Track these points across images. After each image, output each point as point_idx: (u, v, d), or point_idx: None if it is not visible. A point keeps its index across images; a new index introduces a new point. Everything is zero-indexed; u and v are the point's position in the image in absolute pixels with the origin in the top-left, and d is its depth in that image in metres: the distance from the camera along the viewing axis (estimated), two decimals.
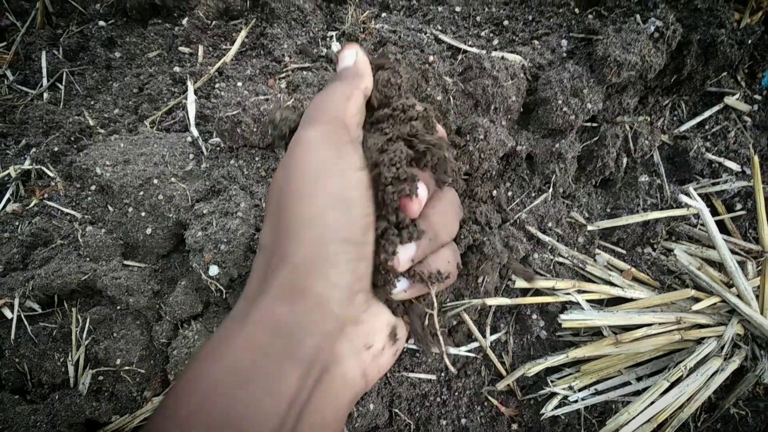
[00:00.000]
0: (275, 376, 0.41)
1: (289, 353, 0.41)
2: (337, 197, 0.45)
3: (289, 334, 0.42)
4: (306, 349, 0.42)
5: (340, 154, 0.47)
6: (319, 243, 0.44)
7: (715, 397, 0.84)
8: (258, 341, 0.41)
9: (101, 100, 1.04)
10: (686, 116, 0.89)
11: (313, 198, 0.45)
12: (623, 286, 0.82)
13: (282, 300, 0.43)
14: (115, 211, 0.80)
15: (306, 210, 0.45)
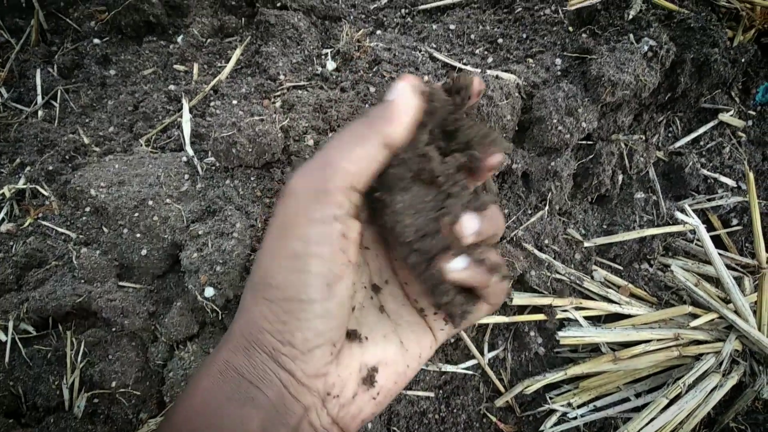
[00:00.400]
0: (240, 421, 0.42)
1: (249, 400, 0.43)
2: (293, 255, 0.43)
3: (249, 383, 0.43)
4: (265, 398, 0.43)
5: (315, 206, 0.43)
6: (272, 301, 0.44)
7: (714, 412, 0.84)
8: (223, 389, 0.43)
9: (96, 117, 1.04)
10: (681, 133, 0.89)
11: (272, 255, 0.45)
12: (621, 302, 0.82)
13: (240, 351, 0.44)
14: (109, 233, 0.80)
15: (264, 266, 0.45)
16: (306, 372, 0.44)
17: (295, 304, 0.43)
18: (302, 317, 0.43)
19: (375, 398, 0.49)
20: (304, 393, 0.44)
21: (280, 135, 0.79)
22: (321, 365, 0.45)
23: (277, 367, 0.43)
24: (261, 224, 0.79)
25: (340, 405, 0.47)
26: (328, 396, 0.46)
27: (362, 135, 0.45)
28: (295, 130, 0.82)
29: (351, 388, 0.47)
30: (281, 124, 0.81)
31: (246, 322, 0.45)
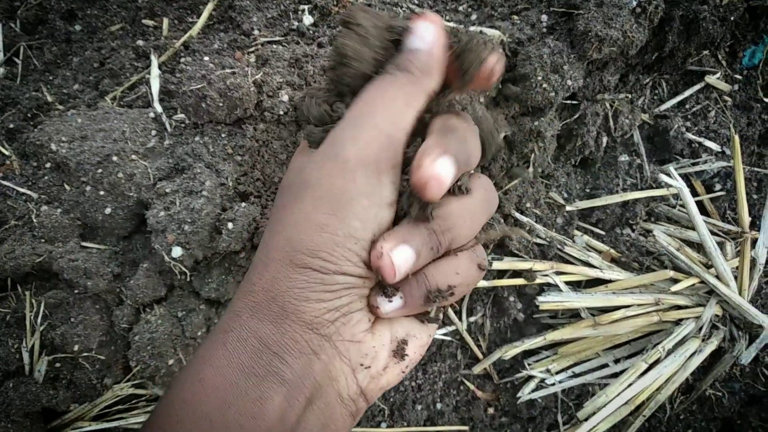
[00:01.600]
0: (257, 399, 0.38)
1: (272, 374, 0.39)
2: (347, 235, 0.40)
3: (273, 354, 0.39)
4: (291, 370, 0.39)
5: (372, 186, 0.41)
6: (317, 271, 0.40)
7: (692, 378, 0.84)
8: (239, 361, 0.39)
9: (60, 75, 0.99)
10: (667, 95, 0.87)
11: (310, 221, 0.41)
12: (602, 267, 0.81)
13: (267, 319, 0.40)
14: (71, 190, 0.76)
15: (297, 232, 0.41)
16: (344, 336, 0.42)
17: (350, 279, 0.41)
18: (356, 285, 0.42)
19: (403, 371, 0.47)
20: (335, 358, 0.42)
21: (253, 89, 0.76)
22: (358, 331, 0.43)
23: (313, 335, 0.40)
24: (232, 183, 0.75)
25: (370, 377, 0.44)
26: (360, 366, 0.43)
27: (410, 95, 0.42)
28: (269, 85, 0.78)
29: (383, 360, 0.45)
30: (254, 78, 0.77)
31: (279, 289, 0.41)
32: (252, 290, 0.42)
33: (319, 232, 0.40)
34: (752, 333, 0.78)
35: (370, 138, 0.41)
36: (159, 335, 0.72)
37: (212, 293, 0.76)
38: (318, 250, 0.40)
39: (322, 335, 0.41)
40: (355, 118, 0.42)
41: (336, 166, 0.41)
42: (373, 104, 0.42)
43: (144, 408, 0.76)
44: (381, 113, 0.41)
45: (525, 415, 0.85)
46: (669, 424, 0.97)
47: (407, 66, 0.42)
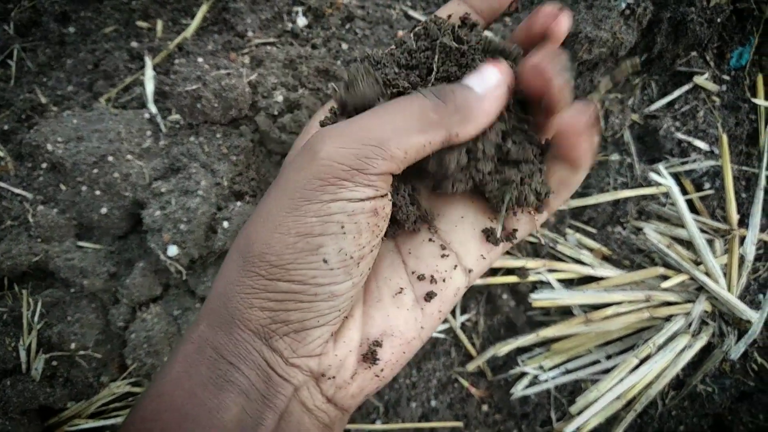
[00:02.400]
0: (215, 409, 0.37)
1: (229, 383, 0.37)
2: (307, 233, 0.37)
3: (229, 363, 0.38)
4: (247, 381, 0.38)
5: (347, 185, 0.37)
6: (270, 279, 0.38)
7: (683, 374, 0.85)
8: (198, 372, 0.38)
9: (54, 77, 0.99)
10: (656, 96, 0.89)
11: (279, 228, 0.37)
12: (593, 264, 0.82)
13: (220, 327, 0.39)
14: (67, 190, 0.76)
15: (264, 238, 0.38)
16: (296, 352, 0.38)
17: (299, 287, 0.37)
18: (305, 299, 0.37)
19: (378, 375, 0.42)
20: (293, 373, 0.39)
21: (248, 90, 0.76)
22: (316, 345, 0.39)
23: (263, 346, 0.38)
24: (227, 182, 0.76)
25: (336, 386, 0.41)
26: (323, 377, 0.40)
27: (429, 123, 0.37)
28: (263, 86, 0.79)
29: (349, 368, 0.41)
30: (249, 79, 0.77)
31: (229, 294, 0.39)
32: (211, 295, 0.41)
33: (272, 232, 0.37)
34: (741, 328, 0.79)
35: (354, 140, 0.37)
36: (155, 333, 0.73)
37: (208, 292, 0.76)
38: (266, 252, 0.37)
39: (273, 349, 0.38)
40: (351, 120, 0.39)
41: (306, 161, 0.37)
42: (379, 113, 0.38)
43: None
44: (382, 122, 0.37)
45: (518, 411, 0.86)
46: (661, 421, 0.98)
47: (446, 95, 0.38)
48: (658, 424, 0.97)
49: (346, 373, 0.41)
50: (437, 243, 0.46)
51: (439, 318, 0.45)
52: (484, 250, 0.47)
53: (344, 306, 0.39)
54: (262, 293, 0.38)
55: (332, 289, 0.38)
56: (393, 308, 0.43)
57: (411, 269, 0.45)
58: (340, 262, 0.37)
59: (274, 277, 0.37)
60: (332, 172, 0.36)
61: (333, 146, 0.37)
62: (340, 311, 0.39)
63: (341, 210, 0.37)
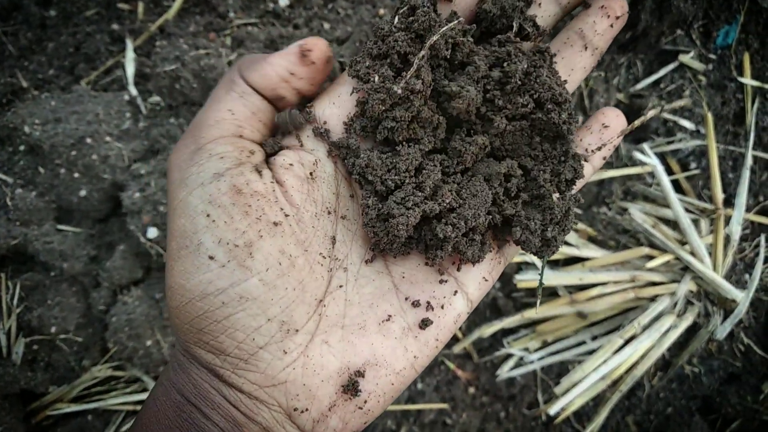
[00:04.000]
0: None
1: (193, 428, 0.34)
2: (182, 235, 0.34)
3: (193, 407, 0.35)
4: (213, 424, 0.34)
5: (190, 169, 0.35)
6: (182, 306, 0.34)
7: (669, 354, 0.85)
8: (165, 417, 0.35)
9: (35, 60, 0.98)
10: (642, 74, 0.88)
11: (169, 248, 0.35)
12: (578, 245, 0.82)
13: (180, 367, 0.36)
14: (46, 173, 0.75)
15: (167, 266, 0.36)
16: (255, 382, 0.35)
17: (202, 301, 0.34)
18: (218, 314, 0.34)
19: (362, 408, 0.37)
20: (260, 410, 0.35)
21: (227, 70, 0.75)
22: (275, 371, 0.35)
23: (220, 384, 0.35)
24: None
25: (313, 420, 0.36)
26: (295, 411, 0.36)
27: (229, 81, 0.37)
28: None
29: (326, 399, 0.36)
30: (229, 59, 0.76)
31: (177, 337, 0.37)
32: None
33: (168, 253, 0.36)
34: (727, 308, 0.79)
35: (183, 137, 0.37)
36: (136, 316, 0.72)
37: None
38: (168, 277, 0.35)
39: (231, 385, 0.35)
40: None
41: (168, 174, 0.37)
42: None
43: (123, 390, 0.76)
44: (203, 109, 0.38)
45: (505, 393, 0.86)
46: (649, 402, 0.98)
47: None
48: (646, 406, 0.97)
49: (321, 405, 0.36)
50: (434, 267, 0.41)
51: (436, 347, 0.40)
52: (487, 271, 0.41)
53: (275, 314, 0.35)
54: (186, 326, 0.35)
55: (237, 290, 0.34)
56: (378, 336, 0.38)
57: (404, 295, 0.40)
58: (227, 254, 0.34)
59: (178, 301, 0.35)
60: (177, 168, 0.35)
61: (173, 152, 0.36)
62: (274, 322, 0.35)
63: (200, 199, 0.34)
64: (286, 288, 0.35)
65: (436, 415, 0.85)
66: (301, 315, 0.36)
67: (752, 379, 1.00)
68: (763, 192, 0.92)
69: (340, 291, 0.38)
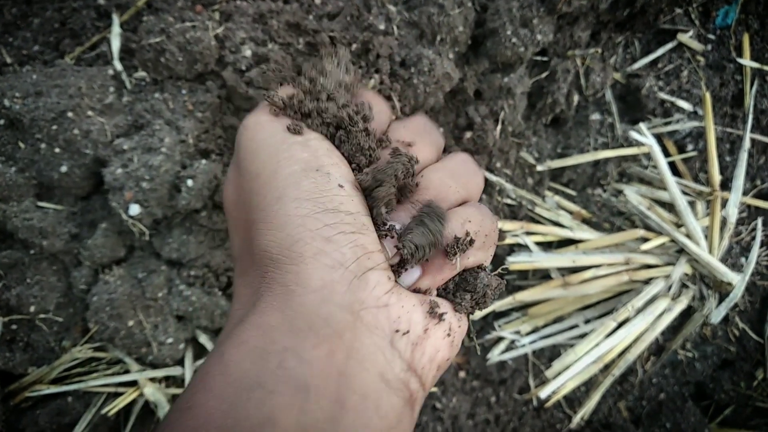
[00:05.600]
0: (263, 422, 0.29)
1: (283, 382, 0.30)
2: (305, 162, 0.39)
3: (284, 350, 0.31)
4: (309, 368, 0.31)
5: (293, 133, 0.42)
6: (299, 221, 0.35)
7: (662, 338, 0.83)
8: (240, 373, 0.31)
9: (20, 36, 0.95)
10: (639, 54, 0.86)
11: (276, 173, 0.38)
12: (572, 227, 0.80)
13: (270, 306, 0.34)
14: (26, 148, 0.73)
15: (272, 188, 0.38)
16: (365, 302, 0.34)
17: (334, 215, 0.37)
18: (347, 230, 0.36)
19: (449, 335, 0.39)
20: (363, 336, 0.34)
21: (214, 44, 0.73)
22: (380, 293, 0.36)
23: (330, 306, 0.33)
24: (193, 140, 0.73)
25: (412, 343, 0.36)
26: (396, 333, 0.35)
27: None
28: (231, 40, 0.76)
29: (419, 322, 0.37)
30: (216, 32, 0.74)
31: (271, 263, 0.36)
32: (246, 275, 0.39)
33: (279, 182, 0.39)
34: (722, 292, 0.78)
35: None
36: (118, 296, 0.70)
37: (173, 254, 0.74)
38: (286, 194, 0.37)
39: (339, 305, 0.33)
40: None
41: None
42: None
43: (104, 371, 0.74)
44: None
45: (496, 377, 0.85)
46: (642, 388, 0.97)
47: None
48: (639, 392, 0.96)
49: (417, 327, 0.37)
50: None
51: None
52: None
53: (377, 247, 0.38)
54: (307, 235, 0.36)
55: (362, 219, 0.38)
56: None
57: None
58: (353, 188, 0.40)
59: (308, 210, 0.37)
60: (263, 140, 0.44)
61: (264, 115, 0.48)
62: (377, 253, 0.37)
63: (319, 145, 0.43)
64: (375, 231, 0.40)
65: (426, 399, 0.84)
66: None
67: (746, 365, 0.99)
68: (760, 175, 0.91)
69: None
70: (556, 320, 0.82)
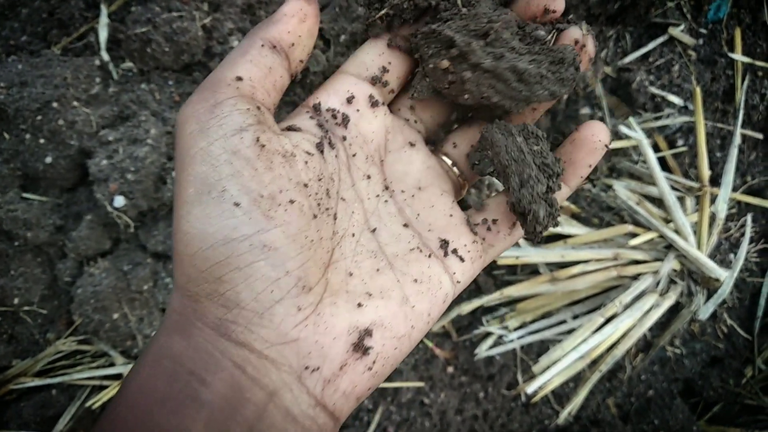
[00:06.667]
0: (175, 429, 0.31)
1: (190, 398, 0.32)
2: (201, 182, 0.34)
3: (189, 373, 0.32)
4: (211, 391, 0.32)
5: (211, 120, 0.35)
6: (197, 254, 0.33)
7: (650, 335, 0.83)
8: (154, 388, 0.32)
9: (8, 26, 0.95)
10: (630, 48, 0.85)
11: (181, 196, 0.34)
12: (561, 222, 0.80)
13: (177, 330, 0.34)
14: (11, 138, 0.73)
15: (178, 214, 0.35)
16: (268, 339, 0.34)
17: (225, 246, 0.33)
18: (241, 263, 0.33)
19: (371, 368, 0.37)
20: (268, 370, 0.34)
21: (201, 34, 0.73)
22: (288, 327, 0.34)
23: (228, 343, 0.33)
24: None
25: (324, 380, 0.35)
26: (306, 370, 0.35)
27: (244, 43, 0.38)
28: (219, 31, 0.75)
29: (337, 357, 0.36)
30: (203, 22, 0.74)
31: (178, 292, 0.35)
32: (171, 296, 0.36)
33: (183, 203, 0.35)
34: (710, 288, 0.77)
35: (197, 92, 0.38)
36: (103, 289, 0.70)
37: (159, 246, 0.73)
38: (184, 222, 0.34)
39: (240, 343, 0.33)
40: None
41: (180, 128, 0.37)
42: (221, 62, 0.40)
43: (88, 364, 0.73)
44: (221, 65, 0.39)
45: (484, 373, 0.85)
46: (630, 385, 0.97)
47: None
48: (627, 389, 0.96)
49: (333, 364, 0.36)
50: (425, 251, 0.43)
51: (428, 322, 0.41)
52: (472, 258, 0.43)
53: (294, 268, 0.35)
54: (199, 276, 0.34)
55: (262, 238, 0.34)
56: (382, 301, 0.40)
57: (399, 270, 0.41)
58: (253, 203, 0.34)
59: (197, 246, 0.33)
60: (194, 120, 0.35)
61: (186, 105, 0.36)
62: (292, 276, 0.35)
63: (223, 149, 0.34)
64: (302, 245, 0.36)
65: (414, 394, 0.84)
66: (314, 274, 0.36)
67: (735, 362, 0.99)
68: (750, 171, 0.91)
69: (340, 263, 0.40)
70: (545, 315, 0.82)
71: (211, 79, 0.37)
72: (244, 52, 0.38)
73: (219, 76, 0.37)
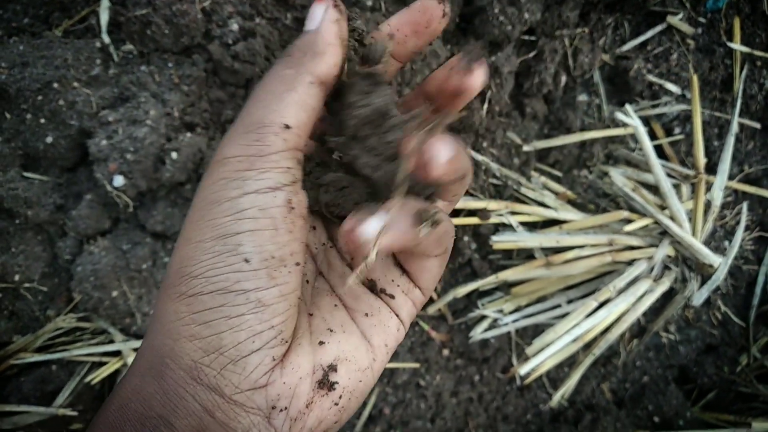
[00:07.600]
0: None
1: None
2: (221, 235, 0.34)
3: (158, 417, 0.33)
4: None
5: (250, 174, 0.35)
6: (193, 295, 0.34)
7: (645, 320, 0.84)
8: (123, 429, 0.33)
9: (11, 9, 0.95)
10: (629, 36, 0.86)
11: (194, 238, 0.35)
12: (556, 207, 0.80)
13: (150, 372, 0.34)
14: (12, 118, 0.73)
15: (182, 253, 0.35)
16: (239, 386, 0.34)
17: (223, 297, 0.34)
18: (233, 313, 0.34)
19: (338, 404, 0.38)
20: (237, 414, 0.34)
21: (200, 17, 0.73)
22: (259, 375, 0.35)
23: (198, 386, 0.34)
24: (178, 113, 0.73)
25: (290, 420, 0.36)
26: (273, 410, 0.35)
27: (291, 78, 0.36)
28: (218, 14, 0.76)
29: (303, 396, 0.36)
30: (203, 5, 0.74)
31: (157, 330, 0.35)
32: (143, 341, 0.36)
33: (189, 244, 0.35)
34: (704, 274, 0.78)
35: (241, 129, 0.36)
36: (102, 267, 0.71)
37: (158, 226, 0.74)
38: (185, 265, 0.34)
39: (211, 388, 0.34)
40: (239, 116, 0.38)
41: (211, 168, 0.36)
42: (254, 97, 0.37)
43: (88, 341, 0.75)
44: (256, 102, 0.37)
45: (479, 356, 0.85)
46: (625, 371, 0.98)
47: (290, 49, 0.38)
48: (622, 374, 0.97)
49: (299, 402, 0.36)
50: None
51: (386, 352, 0.42)
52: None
53: (278, 323, 0.35)
54: (187, 317, 0.34)
55: (259, 295, 0.34)
56: (343, 335, 0.40)
57: (351, 309, 0.43)
58: (262, 262, 0.34)
59: (196, 290, 0.34)
60: (232, 167, 0.35)
61: (227, 145, 0.35)
62: (275, 330, 0.35)
63: (252, 204, 0.34)
64: (291, 303, 0.36)
65: (410, 376, 0.85)
66: (291, 327, 0.37)
67: (730, 350, 1.00)
68: (748, 161, 0.91)
69: (302, 307, 0.40)
70: (539, 300, 0.82)
71: (256, 119, 0.36)
72: (290, 88, 0.36)
73: (266, 118, 0.36)
